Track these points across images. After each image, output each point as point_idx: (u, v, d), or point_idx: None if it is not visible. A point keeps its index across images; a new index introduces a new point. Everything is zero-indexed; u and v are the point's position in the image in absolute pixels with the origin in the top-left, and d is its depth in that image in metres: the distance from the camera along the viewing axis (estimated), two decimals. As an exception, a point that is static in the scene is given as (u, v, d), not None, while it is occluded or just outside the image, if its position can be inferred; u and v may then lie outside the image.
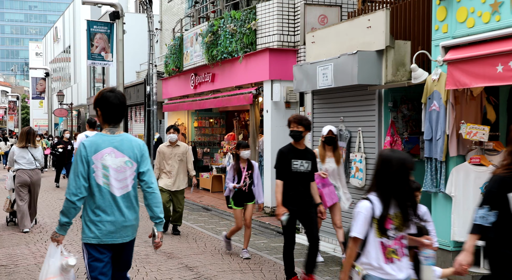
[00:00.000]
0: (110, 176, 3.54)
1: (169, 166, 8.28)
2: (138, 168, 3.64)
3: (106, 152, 3.55)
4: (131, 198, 3.64)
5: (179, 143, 8.42)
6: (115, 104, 3.66)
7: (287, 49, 10.22)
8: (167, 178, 8.31)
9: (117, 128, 3.69)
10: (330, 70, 7.14)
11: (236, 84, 11.56)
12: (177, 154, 8.29)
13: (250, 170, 6.88)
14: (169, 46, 14.85)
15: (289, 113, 10.27)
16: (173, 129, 8.39)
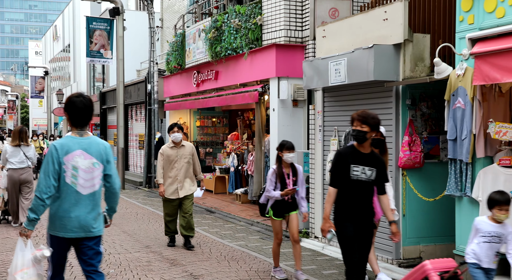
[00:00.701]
0: (79, 176, 3.82)
1: (174, 170, 7.27)
2: (104, 169, 3.93)
3: (76, 154, 3.82)
4: (96, 197, 3.92)
5: (184, 143, 7.44)
6: (81, 109, 3.88)
7: (294, 45, 9.79)
8: (173, 184, 7.32)
9: (84, 131, 3.93)
10: (343, 65, 6.72)
11: (241, 81, 11.13)
12: (183, 156, 7.31)
13: (295, 177, 5.87)
14: (171, 43, 14.42)
15: (296, 112, 9.87)
16: (177, 127, 7.34)
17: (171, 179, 7.33)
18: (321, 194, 7.76)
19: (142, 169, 17.59)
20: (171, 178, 7.32)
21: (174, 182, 7.33)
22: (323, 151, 7.76)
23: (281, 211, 5.94)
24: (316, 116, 7.94)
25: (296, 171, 5.93)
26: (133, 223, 9.54)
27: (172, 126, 7.45)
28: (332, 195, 4.46)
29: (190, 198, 7.47)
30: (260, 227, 9.23)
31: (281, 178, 5.81)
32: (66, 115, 3.98)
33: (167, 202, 7.48)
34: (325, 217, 4.47)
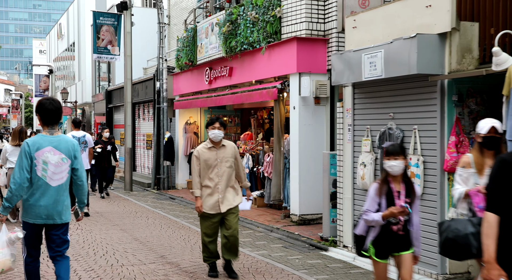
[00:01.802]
0: (49, 169, 4.30)
1: (214, 177, 5.77)
2: (72, 164, 4.42)
3: (46, 150, 4.31)
4: (64, 188, 4.39)
5: (224, 142, 5.87)
6: (50, 110, 4.40)
7: (316, 38, 9.15)
8: (213, 196, 5.78)
9: (55, 130, 4.43)
10: (379, 58, 6.07)
11: (258, 78, 10.50)
12: (224, 159, 5.78)
13: (410, 197, 4.19)
14: (181, 39, 13.80)
15: (318, 110, 9.24)
16: (218, 123, 5.75)
17: (209, 190, 5.78)
18: (351, 200, 7.11)
19: (149, 169, 16.99)
20: (209, 188, 5.78)
21: (214, 193, 5.78)
22: (353, 152, 7.12)
23: (388, 248, 4.22)
24: (345, 115, 7.30)
25: (412, 188, 4.23)
26: (145, 229, 8.92)
27: (212, 120, 5.81)
28: (492, 224, 2.97)
29: (235, 212, 5.91)
30: (281, 233, 8.59)
31: (388, 197, 4.19)
32: (37, 116, 4.50)
33: (205, 219, 5.92)
34: (488, 259, 2.95)
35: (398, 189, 4.21)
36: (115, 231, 8.65)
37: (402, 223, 4.18)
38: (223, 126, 5.82)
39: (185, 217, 10.34)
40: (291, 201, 9.35)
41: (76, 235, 8.27)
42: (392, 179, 4.22)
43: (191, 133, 14.64)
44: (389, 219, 4.15)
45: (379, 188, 4.21)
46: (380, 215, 4.14)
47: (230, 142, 6.00)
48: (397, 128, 6.28)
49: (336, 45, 8.97)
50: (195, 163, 5.84)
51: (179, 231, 8.78)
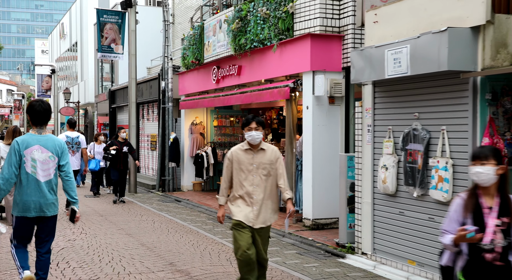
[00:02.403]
0: (37, 166, 4.61)
1: (248, 185, 4.88)
2: (59, 161, 4.75)
3: (35, 148, 4.63)
4: (52, 183, 4.74)
5: (264, 145, 4.98)
6: (39, 111, 4.71)
7: (331, 35, 8.77)
8: (246, 207, 4.89)
9: (43, 129, 4.75)
10: (405, 54, 5.68)
11: (268, 77, 10.11)
12: (261, 165, 4.88)
13: (507, 215, 3.27)
14: (187, 37, 13.42)
15: (333, 110, 8.86)
16: (255, 122, 4.90)
17: (241, 200, 4.88)
18: (370, 204, 6.72)
19: (154, 171, 16.62)
20: (242, 198, 4.87)
21: (247, 205, 4.87)
22: (373, 154, 6.73)
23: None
24: (364, 115, 6.91)
25: (509, 203, 3.30)
26: (151, 234, 8.53)
27: (247, 121, 4.93)
28: None
29: (266, 233, 4.99)
30: (293, 239, 8.20)
31: (476, 215, 3.29)
32: (28, 117, 4.83)
33: (236, 230, 4.90)
34: None
35: (489, 204, 3.30)
36: (120, 236, 8.27)
37: (499, 250, 3.20)
38: (261, 126, 4.91)
39: (192, 221, 9.96)
40: (304, 205, 8.96)
41: (80, 240, 7.89)
42: (482, 191, 3.32)
43: (197, 134, 14.26)
44: (479, 244, 3.21)
45: (465, 203, 3.33)
46: (451, 239, 3.29)
47: (271, 146, 5.03)
48: (423, 129, 5.89)
49: (352, 42, 8.59)
50: (227, 165, 4.97)
51: (187, 236, 8.40)
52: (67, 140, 10.61)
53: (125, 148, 12.22)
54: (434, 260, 5.72)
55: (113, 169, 12.16)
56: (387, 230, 6.46)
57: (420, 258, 5.94)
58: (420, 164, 5.88)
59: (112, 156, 11.96)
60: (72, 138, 10.54)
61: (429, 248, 5.81)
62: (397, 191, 6.28)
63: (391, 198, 6.38)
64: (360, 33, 8.60)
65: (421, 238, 5.93)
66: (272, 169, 4.92)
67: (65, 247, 7.34)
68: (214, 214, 10.73)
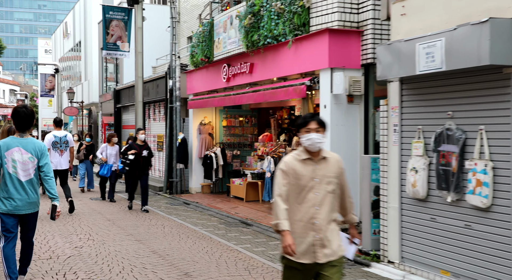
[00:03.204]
0: (18, 167, 4.98)
1: (308, 204, 3.68)
2: (38, 162, 5.09)
3: (15, 150, 5.00)
4: (33, 182, 5.09)
5: (325, 153, 3.79)
6: (23, 117, 5.04)
7: (349, 30, 8.35)
8: (306, 235, 3.67)
9: (25, 133, 5.10)
10: (439, 48, 5.26)
11: (282, 75, 9.69)
12: (325, 178, 3.72)
13: None
14: (196, 34, 13.01)
15: (351, 109, 8.44)
16: (316, 123, 3.74)
17: (301, 224, 3.68)
18: (398, 209, 6.30)
19: (160, 172, 16.22)
20: (301, 222, 3.68)
21: (308, 231, 3.67)
22: (400, 156, 6.30)
23: None
24: (390, 114, 6.49)
25: None
26: (162, 240, 8.13)
27: (305, 120, 3.76)
28: None
29: (338, 265, 3.71)
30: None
31: None
32: (12, 122, 5.14)
33: (291, 270, 3.72)
34: None
35: None
36: (130, 242, 7.87)
37: None
38: (324, 128, 3.74)
39: (203, 225, 9.55)
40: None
41: (88, 247, 7.49)
42: None
43: (206, 134, 13.86)
44: None
45: None
46: None
47: (333, 153, 3.88)
48: (458, 128, 5.46)
49: (372, 37, 8.17)
50: (281, 180, 3.71)
51: (200, 242, 7.99)
52: (55, 139, 10.35)
53: (144, 152, 10.92)
54: (471, 271, 5.31)
55: (132, 175, 11.04)
56: (417, 237, 6.04)
57: (455, 268, 5.51)
58: (454, 167, 5.46)
59: (131, 161, 10.80)
60: (60, 137, 10.30)
61: (465, 257, 5.39)
62: (428, 196, 5.86)
63: (422, 202, 5.96)
64: (380, 28, 8.18)
65: (456, 247, 5.51)
66: (336, 184, 3.76)
67: (72, 255, 6.94)
68: (226, 218, 10.33)
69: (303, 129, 3.75)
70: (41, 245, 7.55)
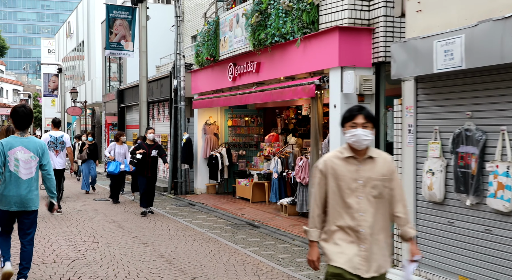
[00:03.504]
0: (20, 165, 5.16)
1: (352, 210, 3.23)
2: (40, 161, 5.27)
3: (17, 149, 5.17)
4: (33, 181, 5.24)
5: (373, 152, 3.35)
6: (22, 116, 5.22)
7: (360, 28, 8.14)
8: (349, 245, 3.22)
9: (25, 132, 5.26)
10: (458, 45, 5.05)
11: (290, 74, 9.49)
12: (370, 180, 3.26)
13: None
14: (201, 33, 12.81)
15: (362, 108, 8.19)
16: (363, 117, 3.29)
17: (343, 233, 3.24)
18: (413, 213, 6.08)
19: (165, 173, 16.02)
20: (343, 232, 3.24)
21: (352, 241, 3.22)
22: (415, 157, 6.09)
23: None
24: (404, 114, 6.28)
25: None
26: (168, 243, 7.93)
27: (351, 113, 3.32)
28: None
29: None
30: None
31: None
32: (11, 121, 5.26)
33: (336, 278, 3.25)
34: None
35: None
36: (135, 245, 7.68)
37: None
38: (372, 122, 3.28)
39: (210, 227, 9.35)
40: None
41: (93, 250, 7.30)
42: None
43: (211, 134, 13.67)
44: None
45: None
46: None
47: (382, 153, 3.41)
48: (478, 129, 5.25)
49: (383, 35, 7.96)
50: (319, 182, 3.33)
51: (206, 245, 7.79)
52: (51, 139, 10.33)
53: (153, 152, 10.45)
54: (490, 277, 5.09)
55: (140, 175, 10.55)
56: (433, 241, 5.83)
57: (474, 274, 5.30)
58: (474, 169, 5.24)
59: (138, 161, 10.35)
60: (56, 138, 10.32)
61: (485, 263, 5.17)
62: (446, 199, 5.65)
63: (439, 206, 5.75)
64: (392, 25, 7.97)
65: (475, 252, 5.29)
66: (385, 188, 3.27)
67: (76, 259, 6.75)
68: (232, 219, 10.14)
69: (348, 123, 3.30)
70: (44, 248, 7.37)
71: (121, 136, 12.72)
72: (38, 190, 5.34)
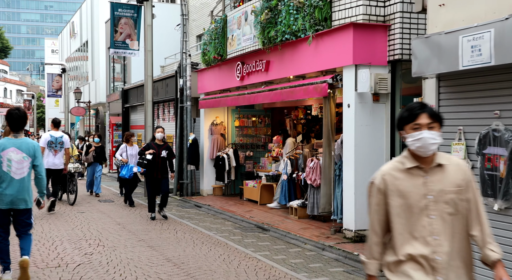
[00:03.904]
0: (12, 165, 5.38)
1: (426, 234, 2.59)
2: (32, 161, 5.50)
3: (10, 150, 5.41)
4: (25, 180, 5.44)
5: (442, 158, 2.67)
6: (16, 119, 5.49)
7: (375, 25, 7.87)
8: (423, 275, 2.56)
9: (19, 134, 5.52)
10: (487, 40, 4.77)
11: (301, 72, 9.22)
12: (443, 195, 2.61)
13: None
14: (208, 31, 12.55)
15: (377, 108, 7.95)
16: (429, 115, 2.64)
17: (413, 266, 2.60)
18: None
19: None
20: (414, 262, 2.61)
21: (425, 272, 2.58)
22: (437, 159, 5.80)
23: None
24: (425, 113, 5.98)
25: None
26: (176, 246, 7.66)
27: (413, 111, 2.67)
28: None
29: None
30: (335, 253, 7.30)
31: None
32: (6, 123, 5.53)
33: None
34: None
35: None
36: (142, 249, 7.41)
37: None
38: (438, 122, 2.67)
39: (218, 230, 9.08)
40: (345, 214, 8.06)
41: (98, 254, 7.03)
42: None
43: (218, 135, 13.40)
44: None
45: None
46: None
47: (453, 158, 2.78)
48: (507, 129, 4.97)
49: (399, 32, 7.68)
50: (376, 202, 2.72)
51: (215, 249, 7.52)
52: (50, 139, 10.43)
53: (163, 152, 9.83)
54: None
55: (149, 178, 9.91)
56: (456, 247, 5.54)
57: (502, 282, 5.01)
58: (502, 172, 4.97)
59: (148, 162, 9.72)
60: (56, 138, 10.44)
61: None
62: (471, 202, 5.36)
63: (463, 210, 5.46)
64: (409, 22, 7.70)
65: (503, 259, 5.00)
66: (461, 201, 2.63)
67: (82, 263, 6.48)
68: (240, 222, 9.87)
69: (409, 125, 2.64)
70: (49, 251, 7.11)
71: (132, 137, 12.22)
72: (31, 189, 5.47)
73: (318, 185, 9.23)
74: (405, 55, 7.68)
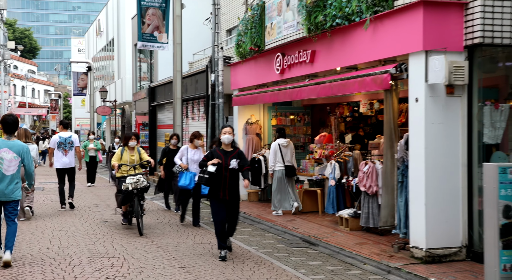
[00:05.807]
0: (4, 163, 6.23)
1: None
2: (22, 161, 6.39)
3: (3, 150, 6.27)
4: (14, 177, 6.33)
5: None
6: (10, 123, 6.43)
7: (449, 2, 6.57)
8: None
9: (12, 136, 6.42)
10: None
11: (355, 62, 7.96)
12: None
13: None
14: (243, 20, 11.37)
15: (451, 102, 6.66)
16: None
17: None
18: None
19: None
20: None
21: None
22: (552, 166, 4.51)
23: None
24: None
25: None
26: (213, 267, 6.50)
27: None
28: None
29: None
30: (405, 278, 6.03)
31: None
32: (0, 127, 6.55)
33: None
34: None
35: None
36: (174, 270, 6.27)
37: None
38: None
39: (258, 245, 7.91)
40: (412, 229, 6.78)
41: (122, 277, 5.92)
42: None
43: (253, 134, 12.23)
44: None
45: None
46: None
47: None
48: None
49: (481, 10, 6.35)
50: None
51: (260, 271, 6.34)
52: (60, 140, 11.05)
53: (233, 162, 6.87)
54: None
55: (214, 199, 6.95)
56: None
57: None
58: None
59: (210, 176, 6.77)
60: (65, 138, 11.06)
61: None
62: None
63: None
64: None
65: None
66: None
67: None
68: (283, 234, 8.67)
69: None
70: (64, 274, 6.04)
71: (197, 138, 9.38)
72: (20, 184, 6.42)
73: (374, 192, 7.98)
74: (487, 38, 6.37)
